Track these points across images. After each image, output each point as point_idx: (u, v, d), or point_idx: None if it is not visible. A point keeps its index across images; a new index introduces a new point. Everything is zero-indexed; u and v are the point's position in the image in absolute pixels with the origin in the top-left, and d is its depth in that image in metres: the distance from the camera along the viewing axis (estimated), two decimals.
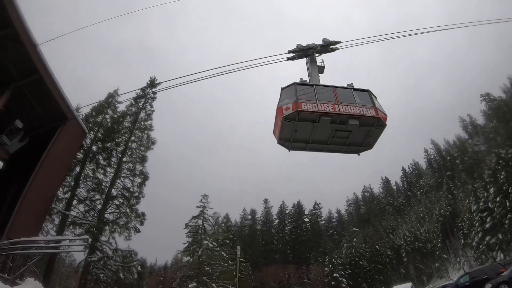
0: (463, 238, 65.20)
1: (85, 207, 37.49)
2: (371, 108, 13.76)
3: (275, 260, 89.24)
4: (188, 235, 50.81)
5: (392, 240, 76.55)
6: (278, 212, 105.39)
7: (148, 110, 44.49)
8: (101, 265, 34.92)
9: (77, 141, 31.23)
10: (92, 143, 39.19)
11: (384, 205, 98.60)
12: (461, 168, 79.10)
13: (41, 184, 25.82)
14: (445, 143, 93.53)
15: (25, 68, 22.27)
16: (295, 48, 15.88)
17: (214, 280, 42.08)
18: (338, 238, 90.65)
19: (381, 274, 71.58)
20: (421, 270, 70.02)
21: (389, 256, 73.06)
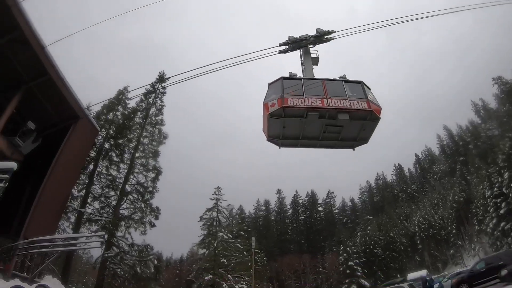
0: (477, 224, 64.27)
1: (100, 204, 37.94)
2: (363, 100, 13.05)
3: (289, 250, 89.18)
4: (203, 228, 51.15)
5: (406, 227, 76.04)
6: (292, 202, 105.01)
7: (159, 105, 44.60)
8: (118, 260, 35.40)
9: (89, 139, 31.61)
10: (105, 141, 39.55)
11: (398, 192, 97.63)
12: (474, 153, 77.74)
13: (56, 183, 26.24)
14: (457, 128, 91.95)
15: (34, 70, 22.53)
16: (286, 40, 15.29)
17: (229, 271, 42.48)
18: (352, 227, 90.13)
19: (396, 262, 71.18)
20: (436, 257, 69.56)
21: (403, 244, 72.67)
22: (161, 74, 43.45)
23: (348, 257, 66.86)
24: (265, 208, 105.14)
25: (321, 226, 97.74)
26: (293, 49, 15.29)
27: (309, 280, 76.10)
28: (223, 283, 39.38)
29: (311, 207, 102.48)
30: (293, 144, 14.39)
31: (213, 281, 39.54)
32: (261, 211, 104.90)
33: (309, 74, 14.73)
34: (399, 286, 26.03)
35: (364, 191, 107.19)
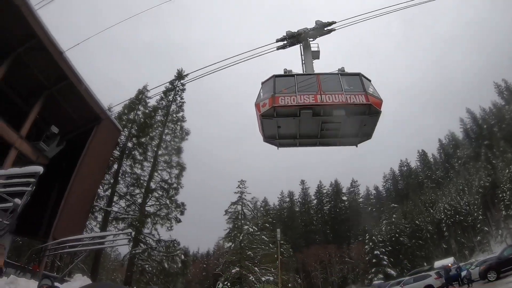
0: (504, 209, 62.39)
1: (126, 202, 38.64)
2: (360, 94, 12.06)
3: (315, 240, 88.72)
4: (228, 221, 51.73)
5: (432, 214, 74.31)
6: (316, 192, 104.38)
7: (179, 102, 45.00)
8: (145, 256, 36.16)
9: (112, 139, 32.28)
10: (127, 140, 40.16)
11: (422, 178, 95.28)
12: (499, 136, 75.32)
13: (82, 184, 26.97)
14: (481, 111, 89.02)
15: (54, 75, 23.13)
16: (284, 35, 14.61)
17: (256, 264, 42.83)
18: (377, 215, 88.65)
19: (422, 250, 69.93)
20: (463, 244, 67.95)
21: (429, 231, 71.22)
22: (179, 71, 43.84)
23: (374, 246, 66.42)
24: (289, 199, 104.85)
25: (346, 216, 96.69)
26: (292, 44, 14.67)
27: (335, 271, 75.69)
28: (250, 275, 39.73)
29: (335, 197, 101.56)
30: (291, 144, 13.94)
31: (240, 274, 39.96)
32: (286, 202, 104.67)
33: (309, 69, 14.08)
34: (426, 274, 25.77)
35: (388, 178, 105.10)
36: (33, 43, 20.38)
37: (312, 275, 77.25)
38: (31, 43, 20.36)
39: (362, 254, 71.42)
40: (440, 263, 31.50)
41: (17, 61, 20.89)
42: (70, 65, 23.54)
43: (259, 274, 40.15)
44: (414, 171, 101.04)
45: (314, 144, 13.85)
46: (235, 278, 39.88)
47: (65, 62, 22.87)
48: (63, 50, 21.77)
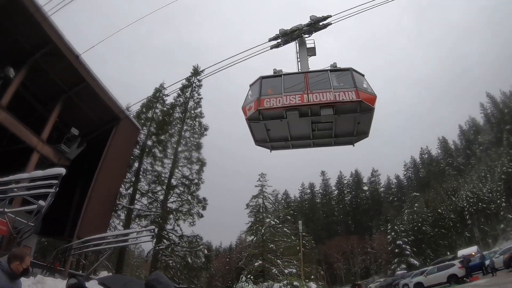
0: None
1: (148, 200, 39.25)
2: (350, 90, 11.28)
3: (337, 232, 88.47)
4: (250, 215, 51.92)
5: (454, 202, 72.51)
6: (337, 183, 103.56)
7: (196, 98, 45.17)
8: (169, 252, 36.70)
9: (132, 138, 32.78)
10: (147, 138, 40.67)
11: (444, 166, 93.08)
12: None
13: (104, 184, 27.56)
14: (501, 95, 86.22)
15: (71, 79, 23.61)
16: (277, 34, 13.98)
17: (278, 256, 42.94)
18: (399, 204, 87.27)
19: (445, 239, 68.49)
20: (486, 233, 66.20)
21: (452, 220, 69.64)
22: (195, 68, 44.08)
23: (396, 236, 65.68)
24: (310, 191, 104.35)
25: (367, 206, 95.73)
26: (286, 42, 14.03)
27: (357, 261, 75.37)
28: (273, 268, 39.83)
29: (356, 187, 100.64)
30: (284, 146, 13.48)
31: (263, 267, 40.08)
32: (306, 194, 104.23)
33: (304, 67, 13.50)
34: (450, 263, 25.44)
35: (409, 167, 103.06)
36: (48, 48, 20.86)
37: (335, 267, 77.03)
38: (47, 48, 20.84)
39: (384, 244, 70.63)
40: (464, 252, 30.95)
41: (35, 67, 21.45)
42: (86, 67, 24.02)
43: (281, 266, 40.17)
44: (435, 158, 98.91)
45: (309, 145, 13.34)
46: (258, 271, 39.94)
47: (81, 65, 23.34)
48: (78, 53, 22.18)
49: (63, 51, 21.38)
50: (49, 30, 20.02)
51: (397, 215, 75.97)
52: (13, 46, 20.19)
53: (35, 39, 20.32)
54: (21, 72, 20.64)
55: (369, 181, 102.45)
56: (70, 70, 22.80)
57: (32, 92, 23.65)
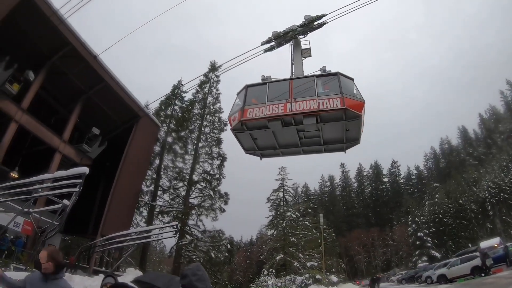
0: None
1: (170, 196, 39.60)
2: (336, 97, 10.63)
3: (357, 224, 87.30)
4: (270, 209, 52.02)
5: (475, 193, 70.34)
6: (356, 175, 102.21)
7: (215, 94, 45.23)
8: (192, 247, 37.07)
9: (152, 135, 33.17)
10: (167, 135, 41.02)
11: (464, 156, 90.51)
12: None
13: (126, 181, 28.01)
14: None
15: (90, 79, 24.04)
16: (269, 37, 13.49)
17: (300, 250, 42.77)
18: (420, 196, 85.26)
19: (467, 231, 66.73)
20: (509, 224, 64.15)
21: (473, 211, 67.57)
22: (212, 64, 44.17)
23: (417, 227, 64.45)
24: (329, 183, 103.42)
25: (388, 198, 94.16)
26: (280, 44, 13.56)
27: (378, 254, 74.58)
28: (294, 261, 39.77)
29: (376, 179, 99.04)
30: (273, 154, 13.11)
31: (284, 260, 40.05)
32: (326, 187, 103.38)
33: (298, 69, 13.05)
34: (473, 255, 24.93)
35: (429, 157, 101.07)
36: (66, 50, 21.26)
37: (356, 259, 76.50)
38: (65, 50, 21.24)
39: (405, 237, 69.46)
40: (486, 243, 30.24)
41: (54, 70, 21.93)
42: (105, 67, 24.40)
43: (303, 260, 40.11)
44: (455, 148, 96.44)
45: (298, 153, 12.84)
46: (280, 265, 39.92)
47: (99, 65, 23.70)
48: (96, 54, 22.47)
49: (81, 52, 21.75)
50: (66, 33, 20.38)
51: (418, 207, 74.24)
52: (32, 50, 20.69)
53: (53, 42, 20.75)
54: (41, 75, 21.11)
55: (389, 173, 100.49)
56: (89, 71, 23.23)
57: (52, 94, 24.19)
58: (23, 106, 19.83)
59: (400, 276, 41.70)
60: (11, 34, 18.97)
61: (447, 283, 23.52)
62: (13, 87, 18.81)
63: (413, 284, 32.46)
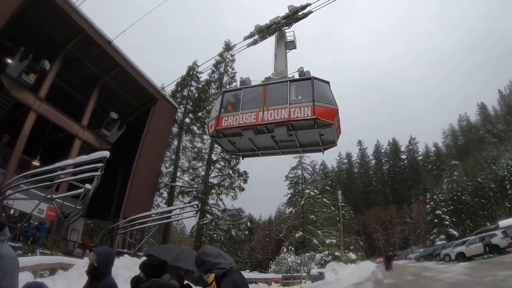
0: None
1: (190, 176, 40.04)
2: (307, 106, 10.39)
3: (375, 201, 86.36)
4: (289, 187, 52.60)
5: (494, 171, 68.61)
6: (374, 152, 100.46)
7: (230, 73, 45.03)
8: (212, 226, 37.67)
9: (169, 117, 33.47)
10: (184, 116, 41.19)
11: (483, 133, 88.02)
12: None
13: (145, 163, 28.53)
14: None
15: (106, 65, 24.24)
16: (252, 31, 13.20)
17: (318, 227, 43.36)
18: (438, 173, 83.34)
19: (485, 209, 65.43)
20: None
21: (492, 189, 66.02)
22: (227, 43, 43.86)
23: (435, 205, 63.46)
24: (347, 161, 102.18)
25: (406, 175, 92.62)
26: (264, 38, 13.21)
27: (396, 232, 74.03)
28: (313, 239, 40.14)
29: (394, 156, 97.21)
30: (254, 155, 13.02)
31: (303, 238, 40.46)
32: (344, 164, 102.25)
33: (281, 64, 12.72)
34: (492, 233, 24.60)
35: (447, 134, 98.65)
36: (80, 38, 21.46)
37: (374, 237, 76.18)
38: (79, 38, 21.45)
39: (423, 214, 68.61)
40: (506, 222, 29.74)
41: (69, 58, 22.24)
42: (120, 52, 24.58)
43: (322, 237, 40.41)
44: (474, 125, 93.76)
45: (277, 154, 12.72)
46: (299, 242, 40.44)
47: (114, 50, 23.88)
48: (110, 39, 22.60)
49: (95, 38, 21.94)
50: (79, 20, 20.54)
51: (436, 184, 72.92)
52: (46, 39, 20.97)
53: (66, 30, 20.97)
54: (56, 63, 21.45)
55: (407, 150, 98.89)
56: (104, 56, 23.46)
57: (69, 81, 24.55)
58: (41, 95, 20.26)
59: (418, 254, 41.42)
60: (24, 25, 19.32)
61: (465, 261, 23.37)
62: (30, 77, 19.21)
63: (431, 261, 32.31)
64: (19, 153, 19.53)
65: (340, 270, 29.61)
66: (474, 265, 19.25)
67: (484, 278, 13.22)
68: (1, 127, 22.32)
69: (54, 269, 13.33)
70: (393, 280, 19.00)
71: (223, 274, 2.58)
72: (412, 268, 26.78)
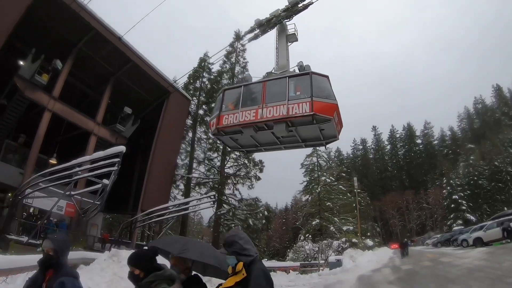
0: None
1: (205, 167, 40.49)
2: (305, 102, 10.25)
3: (391, 187, 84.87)
4: (305, 174, 52.69)
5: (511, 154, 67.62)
6: (389, 137, 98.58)
7: (242, 63, 45.05)
8: (230, 216, 38.07)
9: (183, 109, 33.68)
10: (198, 108, 41.46)
11: (499, 116, 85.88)
12: None
13: (161, 156, 28.87)
14: None
15: (117, 60, 24.51)
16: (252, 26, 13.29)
17: (335, 214, 43.32)
18: (454, 157, 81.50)
19: (503, 193, 64.12)
20: None
21: (509, 173, 64.49)
22: (237, 33, 43.65)
23: (452, 190, 62.59)
24: (362, 147, 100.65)
25: (421, 160, 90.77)
26: (265, 32, 13.20)
27: (413, 217, 73.02)
28: (330, 226, 40.10)
29: (409, 141, 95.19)
30: (257, 151, 13.38)
31: (320, 225, 40.51)
32: (359, 150, 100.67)
33: (283, 58, 12.65)
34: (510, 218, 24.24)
35: (462, 118, 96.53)
36: (90, 35, 21.72)
37: (390, 223, 75.47)
38: (89, 36, 21.70)
39: (440, 200, 67.70)
40: None
41: (80, 56, 22.55)
42: (130, 47, 24.80)
43: (339, 224, 40.38)
44: (490, 108, 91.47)
45: (280, 149, 12.77)
46: (316, 230, 40.60)
47: (125, 46, 24.09)
48: (120, 35, 22.80)
49: (105, 35, 22.18)
50: (88, 18, 20.80)
51: (452, 169, 71.79)
52: (56, 39, 21.32)
53: (76, 29, 21.26)
54: (68, 62, 21.77)
55: (422, 134, 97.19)
56: (115, 52, 23.71)
57: (81, 79, 24.95)
58: (55, 94, 20.65)
59: (435, 239, 41.10)
60: (34, 27, 19.65)
61: (483, 246, 23.16)
62: (43, 78, 19.61)
63: (448, 247, 32.06)
64: (36, 153, 19.99)
65: (358, 257, 29.55)
66: (492, 250, 19.10)
67: (503, 264, 13.16)
68: (17, 127, 22.90)
69: (76, 264, 13.63)
70: (410, 266, 19.00)
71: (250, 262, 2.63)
72: (429, 254, 26.66)
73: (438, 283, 11.74)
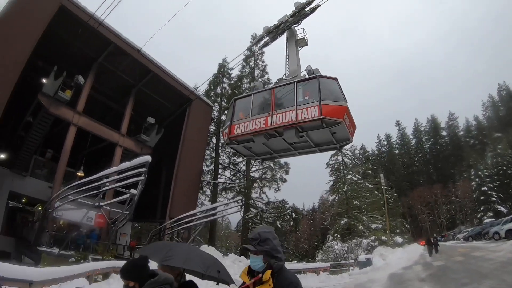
0: None
1: (231, 172, 40.83)
2: (314, 106, 10.16)
3: (419, 182, 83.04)
4: (330, 174, 52.13)
5: None
6: (413, 131, 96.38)
7: (261, 66, 45.27)
8: (258, 219, 38.24)
9: (206, 116, 34.00)
10: (220, 113, 41.78)
11: None
12: None
13: (187, 164, 29.24)
14: None
15: (138, 72, 25.05)
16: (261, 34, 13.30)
17: (363, 212, 42.74)
18: (481, 148, 78.67)
19: None
20: None
21: None
22: (254, 37, 43.76)
23: (480, 182, 60.59)
24: (387, 142, 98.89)
25: (448, 152, 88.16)
26: (274, 38, 13.22)
27: (442, 212, 71.02)
28: (359, 225, 39.50)
29: (434, 133, 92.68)
30: (272, 158, 13.37)
31: (349, 224, 40.01)
32: (384, 146, 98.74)
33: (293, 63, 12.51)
34: None
35: (487, 106, 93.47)
36: (110, 49, 22.33)
37: (419, 219, 73.70)
38: (109, 50, 22.32)
39: (469, 192, 65.73)
40: None
41: (101, 70, 23.24)
42: (150, 58, 25.28)
43: (367, 222, 39.73)
44: None
45: (295, 155, 12.73)
46: (344, 229, 40.10)
47: (144, 57, 24.57)
48: (139, 47, 23.24)
49: (124, 48, 22.74)
50: (106, 33, 21.44)
51: (480, 160, 69.64)
52: (77, 55, 22.10)
53: (95, 44, 21.95)
54: (90, 77, 22.45)
55: (447, 126, 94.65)
56: (135, 64, 24.29)
57: (104, 92, 25.72)
58: (79, 109, 21.33)
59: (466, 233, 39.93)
60: (55, 44, 20.41)
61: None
62: (66, 94, 20.29)
63: (480, 241, 31.11)
64: (63, 166, 20.68)
65: (388, 255, 29.09)
66: None
67: None
68: (44, 143, 23.73)
69: (107, 273, 13.96)
70: (442, 262, 18.60)
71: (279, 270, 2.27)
72: (461, 249, 25.93)
73: (471, 279, 11.48)
